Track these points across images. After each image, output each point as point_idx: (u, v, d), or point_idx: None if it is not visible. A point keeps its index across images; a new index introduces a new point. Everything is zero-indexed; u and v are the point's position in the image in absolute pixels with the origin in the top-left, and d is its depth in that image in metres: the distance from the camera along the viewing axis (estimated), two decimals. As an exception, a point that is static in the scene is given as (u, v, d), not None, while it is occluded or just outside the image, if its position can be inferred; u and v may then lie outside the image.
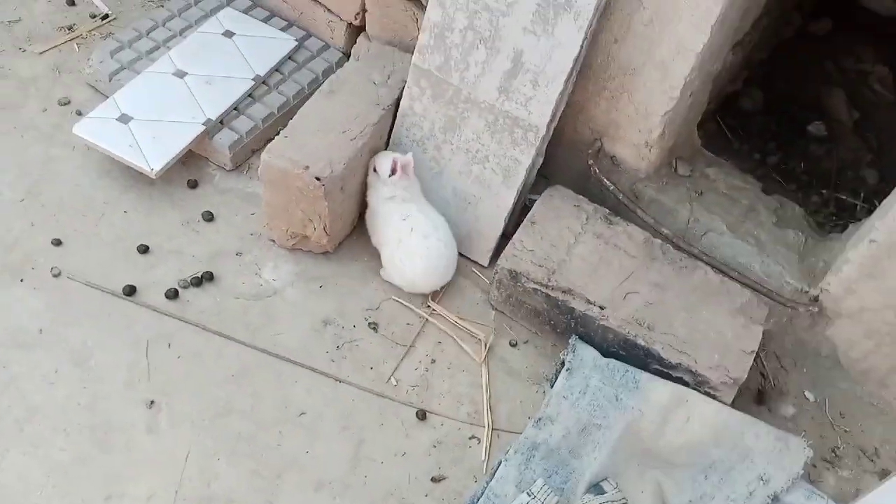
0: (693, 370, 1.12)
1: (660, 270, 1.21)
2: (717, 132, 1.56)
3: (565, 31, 1.15)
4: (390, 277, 1.27)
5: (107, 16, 1.60)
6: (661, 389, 1.10)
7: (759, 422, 1.10)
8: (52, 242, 1.23)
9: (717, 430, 1.09)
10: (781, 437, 1.09)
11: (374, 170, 1.26)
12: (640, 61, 1.22)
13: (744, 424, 1.09)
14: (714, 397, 1.12)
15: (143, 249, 1.25)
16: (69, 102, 1.43)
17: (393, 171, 1.22)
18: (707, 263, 1.24)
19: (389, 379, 1.17)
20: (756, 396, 1.24)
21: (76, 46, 1.53)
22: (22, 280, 1.18)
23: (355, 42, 1.54)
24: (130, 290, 1.19)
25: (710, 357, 1.13)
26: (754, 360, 1.15)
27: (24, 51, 1.50)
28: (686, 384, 1.13)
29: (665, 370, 1.14)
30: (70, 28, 1.56)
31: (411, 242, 1.22)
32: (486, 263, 1.35)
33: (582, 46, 1.17)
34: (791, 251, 1.28)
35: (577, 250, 1.22)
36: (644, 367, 1.15)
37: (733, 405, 1.13)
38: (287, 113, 1.45)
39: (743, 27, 1.33)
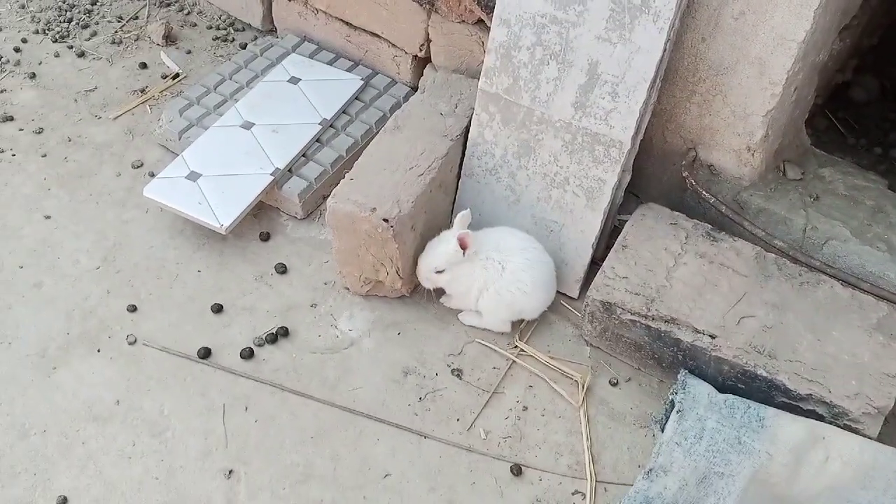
0: (827, 401, 0.97)
1: (777, 289, 1.07)
2: (828, 128, 1.41)
3: (644, 34, 1.05)
4: (478, 322, 1.18)
5: (177, 75, 1.60)
6: (791, 427, 0.95)
7: (916, 458, 0.93)
8: (127, 309, 1.21)
9: (863, 470, 0.94)
10: (945, 475, 0.92)
11: (439, 271, 1.15)
12: (733, 59, 1.09)
13: (896, 462, 0.93)
14: (856, 431, 0.96)
15: (217, 309, 1.21)
16: (142, 165, 1.43)
17: (464, 247, 1.11)
18: (832, 276, 1.09)
19: (478, 430, 1.07)
20: (907, 426, 1.07)
21: (148, 108, 1.54)
22: (99, 350, 1.16)
23: (422, 74, 1.48)
24: (205, 353, 1.15)
25: (847, 384, 0.97)
26: (901, 384, 0.98)
27: (100, 118, 1.51)
28: (821, 418, 0.98)
29: (794, 403, 0.99)
30: (143, 91, 1.57)
31: (511, 267, 1.13)
32: (575, 295, 1.24)
33: (665, 49, 1.05)
34: (932, 254, 1.10)
35: (677, 273, 1.09)
36: (768, 401, 1.00)
37: (880, 439, 0.97)
38: (356, 154, 1.40)
39: (850, 10, 1.18)
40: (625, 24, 1.06)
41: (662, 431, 1.03)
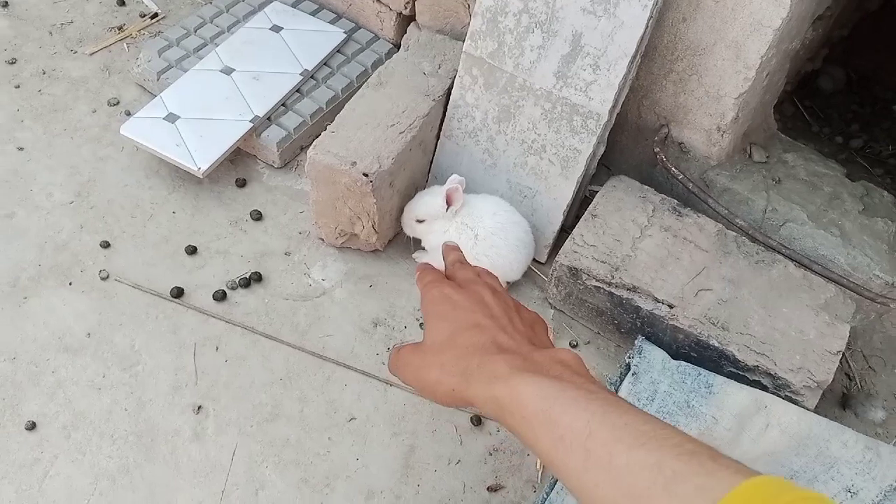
0: (772, 373, 1.03)
1: (734, 265, 1.12)
2: (794, 114, 1.45)
3: (629, 10, 1.07)
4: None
5: (156, 14, 1.58)
6: (737, 394, 1.01)
7: (847, 429, 1.00)
8: (100, 245, 1.21)
9: (799, 438, 1.00)
10: (871, 445, 0.99)
11: (419, 220, 1.16)
12: (711, 40, 1.13)
13: (829, 431, 0.99)
14: (796, 402, 1.02)
15: (191, 250, 1.22)
16: (118, 102, 1.42)
17: (449, 203, 1.13)
18: (787, 257, 1.14)
19: (443, 383, 1.10)
20: (840, 400, 1.14)
21: (126, 46, 1.52)
22: (70, 283, 1.16)
23: (405, 32, 1.48)
24: (178, 293, 1.16)
25: (791, 358, 1.03)
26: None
27: (76, 52, 1.49)
28: (765, 388, 1.04)
29: (741, 373, 1.05)
30: (120, 28, 1.55)
31: (482, 233, 1.15)
32: (543, 260, 1.28)
33: (647, 26, 1.08)
34: (880, 242, 1.16)
35: (643, 244, 1.14)
36: (717, 369, 1.06)
37: (816, 410, 1.04)
38: (336, 108, 1.41)
39: (825, 0, 1.22)
40: (610, -1, 1.08)
41: (617, 392, 1.08)
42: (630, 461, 0.53)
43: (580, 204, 1.28)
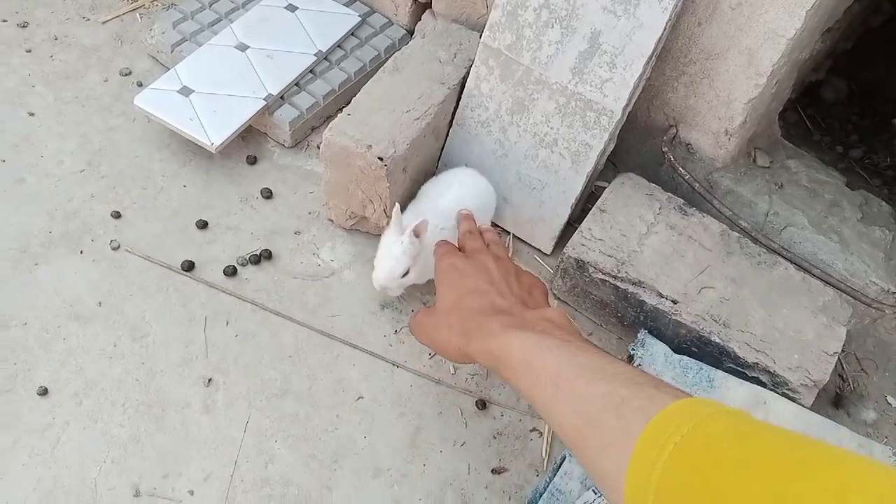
0: (771, 370, 1.06)
1: (737, 265, 1.15)
2: (797, 122, 1.49)
3: (649, 11, 1.10)
4: None
5: (169, -13, 1.58)
6: (737, 389, 1.04)
7: (842, 427, 1.04)
8: (111, 215, 1.21)
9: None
10: (865, 443, 1.03)
11: (404, 275, 1.09)
12: (725, 46, 1.16)
13: (825, 429, 1.03)
14: (793, 400, 1.06)
15: (202, 225, 1.23)
16: (130, 73, 1.42)
17: (419, 235, 1.08)
18: (787, 259, 1.18)
19: (448, 366, 1.13)
20: (833, 400, 1.18)
21: (139, 16, 1.51)
22: (81, 252, 1.17)
23: (419, 19, 1.49)
24: (189, 266, 1.17)
25: (790, 357, 1.07)
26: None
27: (88, 19, 1.49)
28: (763, 385, 1.07)
29: (740, 369, 1.08)
30: (133, -2, 1.54)
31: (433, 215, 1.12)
32: (548, 251, 1.31)
33: (665, 28, 1.11)
34: (877, 249, 1.20)
35: (649, 241, 1.17)
36: (717, 365, 1.09)
37: (811, 408, 1.07)
38: (348, 90, 1.42)
39: (836, 14, 1.26)
40: (631, 0, 1.11)
41: (619, 383, 1.11)
42: (588, 391, 0.63)
43: (586, 199, 1.31)
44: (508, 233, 1.32)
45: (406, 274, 1.09)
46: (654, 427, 0.56)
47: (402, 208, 1.13)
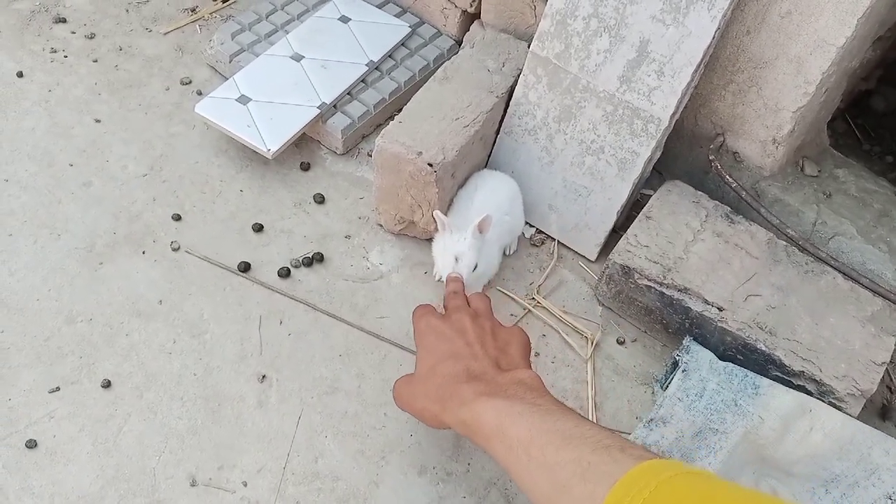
0: (817, 379, 1.06)
1: (783, 273, 1.15)
2: (846, 132, 1.48)
3: (698, 20, 1.11)
4: None
5: (227, -1, 1.64)
6: (783, 397, 1.04)
7: (890, 437, 1.03)
8: (172, 217, 1.27)
9: (841, 443, 1.03)
10: (913, 456, 1.02)
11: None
12: (773, 54, 1.16)
13: (872, 439, 1.02)
14: (839, 409, 1.05)
15: (258, 228, 1.27)
16: (190, 82, 1.47)
17: (483, 231, 1.14)
18: (835, 269, 1.17)
19: (495, 369, 1.15)
20: (880, 411, 1.17)
21: (198, 28, 1.58)
22: (144, 252, 1.22)
23: (468, 30, 1.53)
24: (245, 267, 1.22)
25: (837, 366, 1.06)
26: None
27: (150, 31, 1.55)
28: (809, 393, 1.07)
29: (786, 377, 1.08)
30: (193, 10, 1.61)
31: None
32: (593, 258, 1.32)
33: (714, 37, 1.12)
34: (928, 260, 1.19)
35: (695, 248, 1.18)
36: (763, 373, 1.09)
37: (859, 418, 1.07)
38: (398, 99, 1.46)
39: (887, 22, 1.25)
40: (680, 9, 1.12)
41: (663, 389, 1.12)
42: (558, 458, 0.65)
43: (631, 206, 1.32)
44: (553, 239, 1.34)
45: (476, 266, 1.14)
46: (618, 490, 0.58)
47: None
